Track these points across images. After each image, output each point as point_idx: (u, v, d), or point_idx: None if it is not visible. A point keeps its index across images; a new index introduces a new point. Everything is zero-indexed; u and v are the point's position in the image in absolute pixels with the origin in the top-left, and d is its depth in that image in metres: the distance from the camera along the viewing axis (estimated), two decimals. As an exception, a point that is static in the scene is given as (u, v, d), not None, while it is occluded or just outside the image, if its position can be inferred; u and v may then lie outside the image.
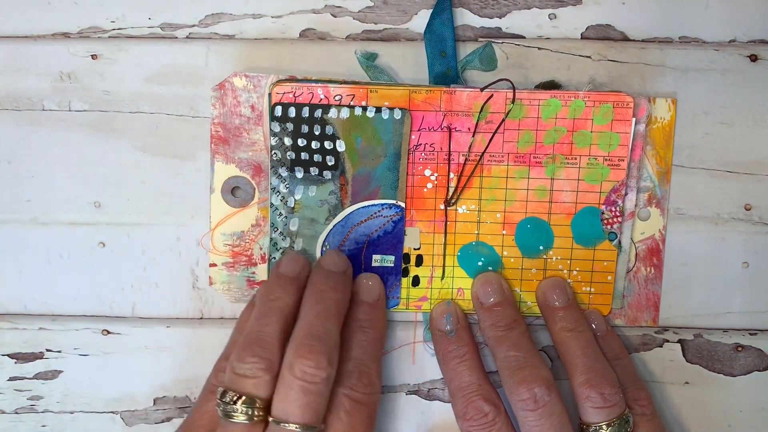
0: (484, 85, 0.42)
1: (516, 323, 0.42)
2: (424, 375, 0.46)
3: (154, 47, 0.44)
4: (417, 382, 0.46)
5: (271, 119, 0.43)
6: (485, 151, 0.43)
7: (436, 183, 0.44)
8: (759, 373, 0.46)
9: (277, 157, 0.43)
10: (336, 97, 0.43)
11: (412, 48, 0.44)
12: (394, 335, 0.45)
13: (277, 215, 0.44)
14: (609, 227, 0.44)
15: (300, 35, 0.44)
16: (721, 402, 0.46)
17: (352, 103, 0.43)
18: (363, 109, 0.43)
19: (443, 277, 0.45)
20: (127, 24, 0.44)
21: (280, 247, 0.44)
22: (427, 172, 0.43)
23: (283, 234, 0.44)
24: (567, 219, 0.44)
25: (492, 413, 0.40)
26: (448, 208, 0.44)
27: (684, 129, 0.44)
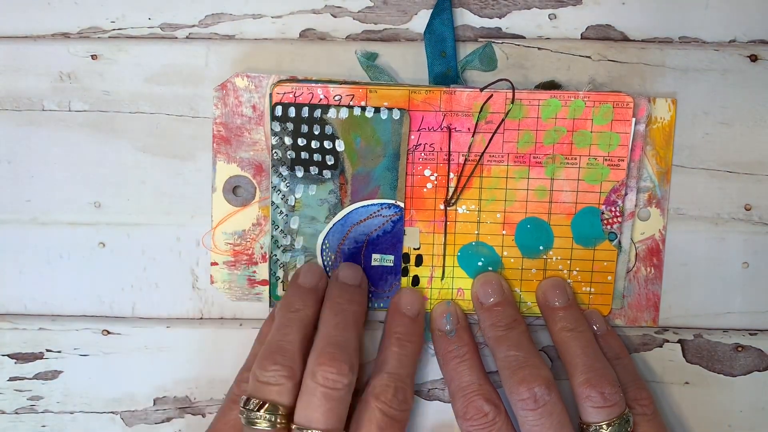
0: (483, 85, 0.42)
1: (516, 323, 0.42)
2: (423, 375, 0.46)
3: (154, 47, 0.44)
4: (417, 382, 0.46)
5: (272, 119, 0.43)
6: (485, 151, 0.43)
7: (435, 183, 0.44)
8: (759, 373, 0.46)
9: (278, 156, 0.43)
10: (335, 97, 0.43)
11: (412, 48, 0.44)
12: (394, 335, 0.45)
13: (278, 213, 0.44)
14: (609, 227, 0.44)
15: (300, 35, 0.44)
16: (721, 402, 0.46)
17: (351, 103, 0.43)
18: (362, 109, 0.43)
19: (443, 277, 0.45)
20: (127, 24, 0.44)
21: (280, 245, 0.44)
22: (427, 172, 0.43)
23: (284, 232, 0.44)
24: (567, 219, 0.44)
25: (492, 413, 0.40)
26: (447, 208, 0.44)
27: (684, 129, 0.44)
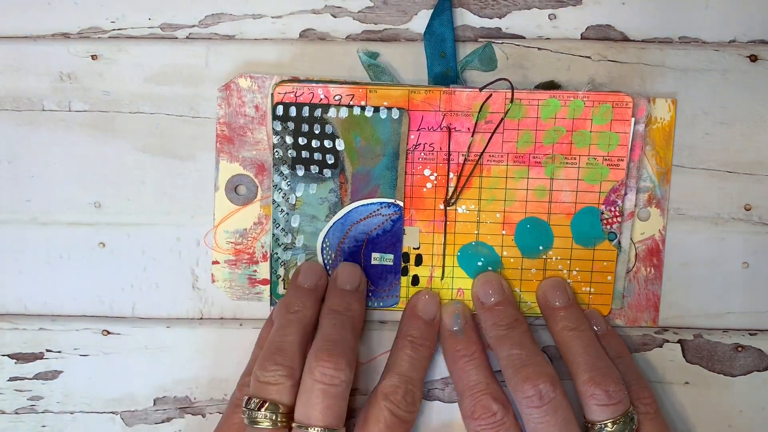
0: (482, 85, 0.42)
1: (517, 322, 0.42)
2: (424, 375, 0.46)
3: (154, 47, 0.44)
4: (417, 382, 0.46)
5: (273, 118, 0.43)
6: (484, 151, 0.43)
7: (435, 183, 0.44)
8: (759, 373, 0.46)
9: (279, 155, 0.43)
10: (336, 97, 0.43)
11: (412, 48, 0.44)
12: (394, 334, 0.44)
13: (279, 212, 0.44)
14: (609, 227, 0.44)
15: (300, 35, 0.44)
16: (721, 402, 0.46)
17: (351, 103, 0.43)
18: (361, 109, 0.43)
19: (443, 277, 0.45)
20: (127, 24, 0.44)
21: (281, 243, 0.44)
22: (427, 171, 0.43)
23: (285, 230, 0.44)
24: (567, 219, 0.44)
25: (500, 412, 0.40)
26: (447, 207, 0.44)
27: (684, 129, 0.44)
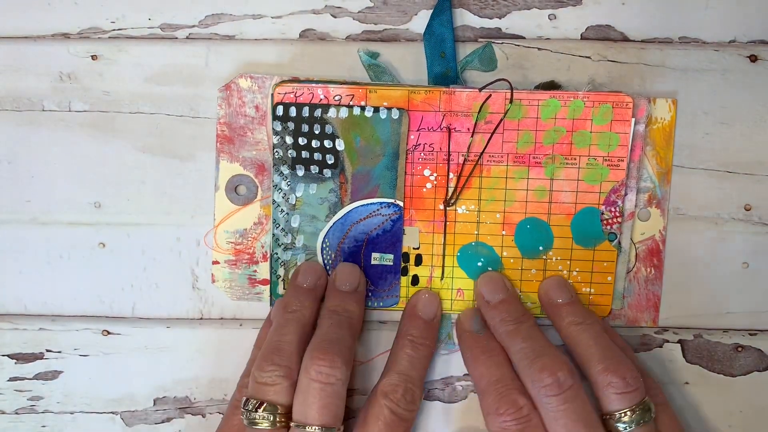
0: (482, 86, 0.42)
1: (525, 317, 0.42)
2: (424, 375, 0.46)
3: (154, 47, 0.44)
4: (417, 382, 0.46)
5: (273, 118, 0.43)
6: (484, 151, 0.43)
7: (435, 183, 0.44)
8: (759, 374, 0.46)
9: (279, 155, 0.43)
10: (336, 97, 0.43)
11: (411, 48, 0.44)
12: (393, 334, 0.44)
13: (279, 212, 0.44)
14: (609, 228, 0.44)
15: (300, 36, 0.44)
16: (721, 402, 0.46)
17: (351, 103, 0.43)
18: (361, 109, 0.43)
19: (443, 278, 0.45)
20: (127, 24, 0.44)
21: (281, 243, 0.44)
22: (427, 172, 0.43)
23: (285, 230, 0.44)
24: (567, 219, 0.44)
25: (527, 407, 0.39)
26: (447, 208, 0.44)
27: (684, 129, 0.44)
